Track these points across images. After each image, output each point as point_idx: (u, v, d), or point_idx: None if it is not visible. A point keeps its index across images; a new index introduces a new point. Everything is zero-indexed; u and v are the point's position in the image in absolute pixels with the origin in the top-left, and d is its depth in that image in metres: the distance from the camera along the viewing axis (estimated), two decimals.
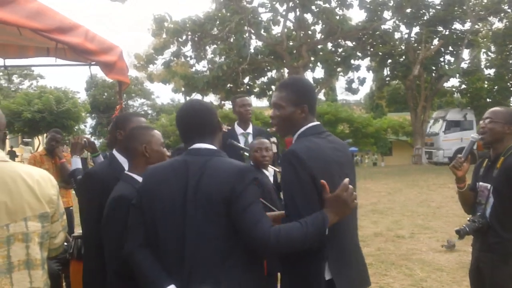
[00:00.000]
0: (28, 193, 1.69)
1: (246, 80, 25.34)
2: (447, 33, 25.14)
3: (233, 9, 22.14)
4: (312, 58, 23.83)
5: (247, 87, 25.24)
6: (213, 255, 1.72)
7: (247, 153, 3.59)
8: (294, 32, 24.46)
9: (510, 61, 25.85)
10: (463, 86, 27.82)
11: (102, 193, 2.17)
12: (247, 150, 3.60)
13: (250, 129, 4.30)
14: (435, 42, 25.01)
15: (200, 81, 22.42)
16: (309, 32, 23.87)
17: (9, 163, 1.73)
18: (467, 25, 25.09)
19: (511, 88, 26.82)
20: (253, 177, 1.79)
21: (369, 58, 26.79)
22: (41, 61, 4.84)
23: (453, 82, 28.17)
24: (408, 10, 24.01)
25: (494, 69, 27.12)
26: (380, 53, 25.55)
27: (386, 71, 27.26)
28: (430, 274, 5.25)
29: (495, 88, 26.99)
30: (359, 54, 24.88)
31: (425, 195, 11.91)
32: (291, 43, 23.65)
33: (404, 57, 25.76)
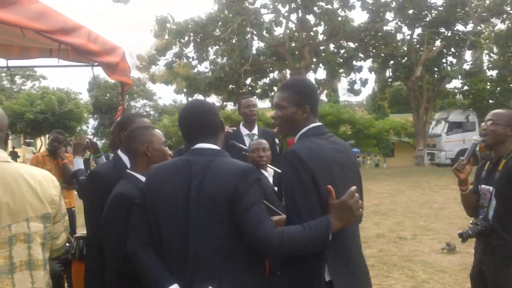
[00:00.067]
0: (30, 194, 1.69)
1: (248, 81, 25.33)
2: (449, 34, 25.10)
3: (235, 10, 22.14)
4: (314, 59, 23.81)
5: (249, 88, 25.21)
6: (216, 255, 1.72)
7: (248, 154, 3.58)
8: (296, 33, 24.45)
9: None
10: (465, 88, 27.76)
11: (106, 193, 2.17)
12: (248, 151, 3.59)
13: (255, 130, 4.27)
14: (437, 43, 24.93)
15: (202, 82, 22.41)
16: (311, 33, 23.84)
17: (11, 164, 1.74)
18: (470, 27, 25.05)
19: None
20: (256, 178, 1.79)
21: (371, 59, 26.74)
22: (43, 62, 4.84)
23: (455, 84, 28.06)
24: (410, 11, 23.93)
25: (496, 71, 27.08)
26: (382, 54, 25.51)
27: (388, 72, 27.21)
28: (432, 275, 5.23)
29: (498, 89, 26.92)
30: (361, 55, 24.85)
31: (427, 196, 11.87)
32: (293, 44, 23.61)
33: (406, 58, 25.70)
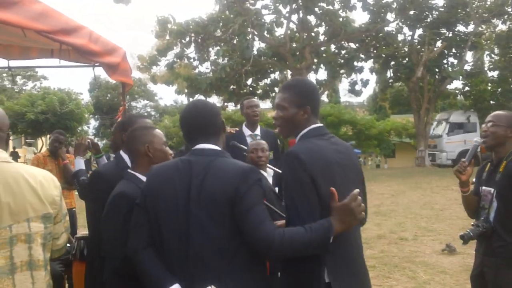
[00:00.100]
0: (31, 194, 1.69)
1: (249, 81, 25.36)
2: (450, 35, 25.13)
3: (237, 10, 22.16)
4: (315, 60, 23.84)
5: (250, 88, 25.24)
6: (217, 255, 1.72)
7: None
8: (297, 34, 24.48)
9: None
10: (467, 88, 27.80)
11: (108, 194, 2.17)
12: (248, 151, 3.59)
13: (258, 131, 4.27)
14: (439, 44, 24.95)
15: (203, 83, 22.44)
16: (312, 34, 23.86)
17: (12, 164, 1.74)
18: (471, 27, 25.08)
19: None
20: (257, 178, 1.79)
21: (372, 60, 26.77)
22: (45, 62, 4.86)
23: (456, 84, 28.05)
24: (412, 12, 23.95)
25: (497, 71, 27.06)
26: (383, 55, 25.54)
27: (389, 73, 27.23)
28: (433, 276, 5.22)
29: (499, 90, 26.94)
30: (362, 56, 24.90)
31: (429, 197, 11.85)
32: (294, 45, 23.62)
33: (407, 59, 25.72)
